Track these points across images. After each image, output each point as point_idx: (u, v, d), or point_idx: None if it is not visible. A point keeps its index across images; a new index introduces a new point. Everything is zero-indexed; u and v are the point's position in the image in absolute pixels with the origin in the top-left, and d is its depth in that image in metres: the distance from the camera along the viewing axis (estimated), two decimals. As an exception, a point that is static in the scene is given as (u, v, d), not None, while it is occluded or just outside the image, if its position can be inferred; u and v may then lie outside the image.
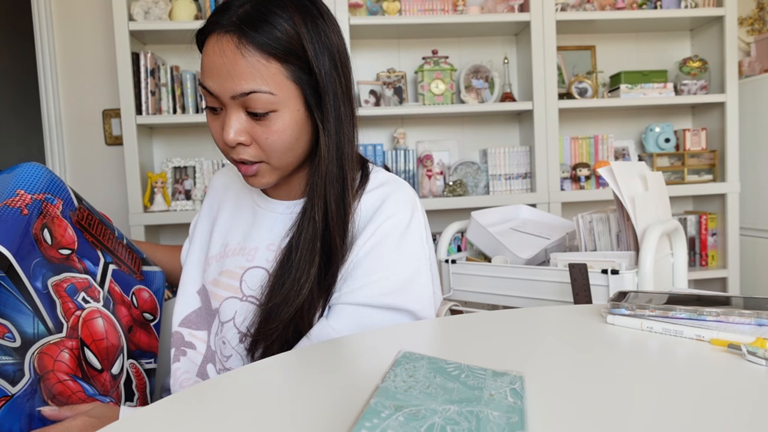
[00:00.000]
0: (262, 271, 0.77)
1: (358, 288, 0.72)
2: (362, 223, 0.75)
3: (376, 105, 2.29)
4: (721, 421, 0.40)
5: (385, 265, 0.73)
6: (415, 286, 0.75)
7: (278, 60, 0.67)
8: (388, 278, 0.73)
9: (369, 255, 0.73)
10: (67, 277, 0.75)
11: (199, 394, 0.49)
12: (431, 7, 2.28)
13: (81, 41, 2.31)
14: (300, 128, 0.71)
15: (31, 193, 0.75)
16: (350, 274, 0.73)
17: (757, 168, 2.42)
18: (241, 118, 0.69)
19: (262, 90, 0.67)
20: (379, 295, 0.72)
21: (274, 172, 0.74)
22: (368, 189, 0.78)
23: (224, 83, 0.67)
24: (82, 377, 0.73)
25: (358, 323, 0.72)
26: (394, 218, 0.74)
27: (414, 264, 0.75)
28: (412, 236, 0.76)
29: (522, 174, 2.36)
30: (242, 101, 0.68)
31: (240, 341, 0.77)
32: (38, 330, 0.69)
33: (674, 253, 1.26)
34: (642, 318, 0.61)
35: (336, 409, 0.44)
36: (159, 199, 2.17)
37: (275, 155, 0.71)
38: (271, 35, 0.67)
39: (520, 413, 0.36)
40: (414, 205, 0.78)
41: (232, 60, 0.66)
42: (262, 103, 0.67)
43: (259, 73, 0.67)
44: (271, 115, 0.69)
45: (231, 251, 0.82)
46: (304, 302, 0.71)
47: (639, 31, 2.55)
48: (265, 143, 0.70)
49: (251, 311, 0.76)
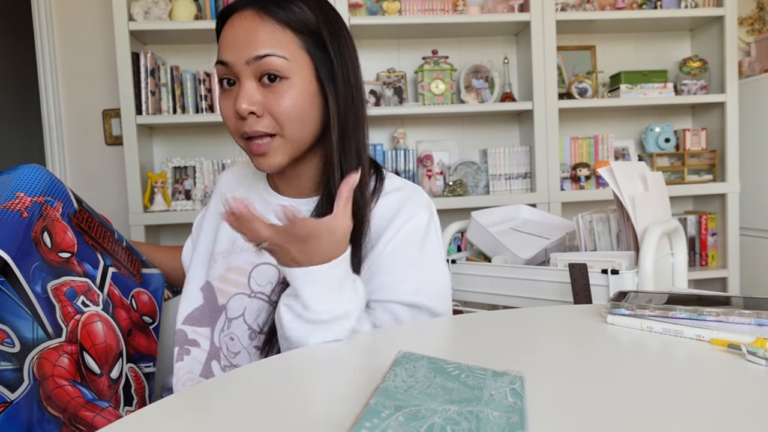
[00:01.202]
0: (272, 268, 0.78)
1: (382, 286, 0.73)
2: (383, 223, 0.76)
3: (376, 105, 2.29)
4: (721, 420, 0.40)
5: (408, 265, 0.75)
6: (437, 285, 0.77)
7: (293, 30, 0.72)
8: (413, 277, 0.74)
9: (392, 255, 0.74)
10: (67, 280, 0.74)
11: (199, 394, 0.50)
12: (431, 7, 2.28)
13: (81, 41, 2.31)
14: (311, 100, 0.73)
15: (31, 196, 0.74)
16: (374, 274, 0.74)
17: (757, 168, 2.42)
18: (254, 87, 0.71)
19: (276, 54, 0.70)
20: (404, 293, 0.73)
21: (285, 149, 0.74)
22: (385, 192, 0.79)
23: (241, 49, 0.71)
24: (81, 382, 0.72)
25: (393, 319, 0.73)
26: (414, 219, 0.76)
27: (435, 263, 0.77)
28: (432, 238, 0.78)
29: (522, 174, 2.36)
30: (257, 66, 0.70)
31: (250, 338, 0.77)
32: (37, 335, 0.68)
33: (674, 253, 1.26)
34: (642, 318, 0.61)
35: (336, 409, 0.44)
36: (159, 199, 2.17)
37: (288, 124, 0.72)
38: (289, 10, 0.72)
39: (520, 413, 0.36)
40: (431, 208, 0.81)
41: (251, 27, 0.71)
42: (276, 68, 0.70)
43: (276, 38, 0.70)
44: (284, 82, 0.71)
45: (239, 248, 0.83)
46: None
47: (639, 31, 2.55)
48: (278, 111, 0.71)
49: (262, 308, 0.76)
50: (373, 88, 2.31)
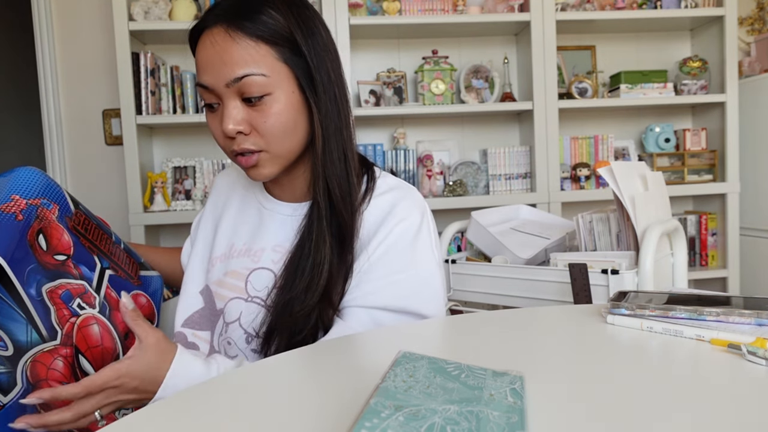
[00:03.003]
0: (269, 273, 0.77)
1: (372, 292, 0.72)
2: (374, 226, 0.75)
3: (376, 105, 2.29)
4: (721, 421, 0.40)
5: (398, 269, 0.73)
6: (428, 289, 0.75)
7: (267, 43, 0.69)
8: (402, 282, 0.73)
9: (382, 259, 0.73)
10: (63, 283, 0.74)
11: (198, 394, 0.49)
12: (431, 7, 2.28)
13: (81, 41, 2.31)
14: (297, 111, 0.72)
15: (27, 198, 0.74)
16: (363, 278, 0.73)
17: (757, 168, 2.42)
18: (238, 107, 0.70)
19: (254, 73, 0.68)
20: (393, 299, 0.72)
21: (275, 161, 0.73)
22: (377, 193, 0.78)
23: (218, 72, 0.69)
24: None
25: (372, 326, 0.72)
26: (405, 222, 0.75)
27: (427, 267, 0.76)
28: (424, 240, 0.76)
29: (522, 174, 2.35)
30: (237, 88, 0.69)
31: (247, 342, 0.77)
32: (31, 338, 0.68)
33: (674, 253, 1.26)
34: (642, 318, 0.61)
35: (336, 409, 0.44)
36: (159, 199, 2.17)
37: (275, 140, 0.71)
38: (259, 20, 0.69)
39: (520, 413, 0.36)
40: (424, 209, 0.79)
41: (223, 48, 0.68)
42: (257, 87, 0.68)
43: (251, 56, 0.68)
44: (267, 98, 0.70)
45: (236, 252, 0.82)
46: (316, 305, 0.72)
47: (639, 31, 2.55)
48: (264, 128, 0.70)
49: (258, 312, 0.76)
50: (373, 88, 2.31)
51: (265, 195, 0.84)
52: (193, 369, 0.66)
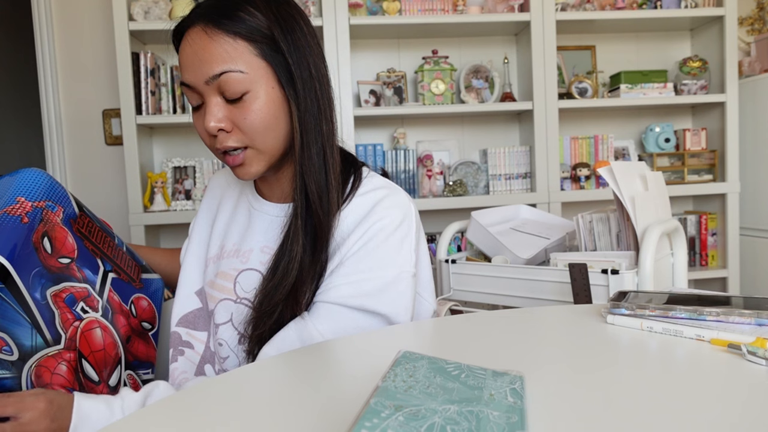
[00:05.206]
0: (256, 274, 0.77)
1: (335, 287, 0.71)
2: (353, 225, 0.74)
3: (376, 105, 2.29)
4: (721, 420, 0.40)
5: (364, 268, 0.72)
6: (392, 292, 0.73)
7: (245, 39, 0.69)
8: (366, 281, 0.71)
9: (353, 256, 0.72)
10: (66, 286, 0.73)
11: (198, 394, 0.49)
12: (431, 7, 2.28)
13: (81, 41, 2.31)
14: (277, 107, 0.71)
15: (32, 201, 0.74)
16: (333, 274, 0.72)
17: (757, 168, 2.42)
18: (219, 104, 0.70)
19: (233, 69, 0.68)
20: (351, 296, 0.71)
21: (260, 158, 0.73)
22: (360, 192, 0.76)
23: (197, 70, 0.69)
24: (79, 390, 0.71)
25: (332, 322, 0.71)
26: (382, 221, 0.73)
27: (395, 270, 0.73)
28: (399, 241, 0.74)
29: (522, 174, 2.35)
30: (217, 85, 0.69)
31: (239, 342, 0.77)
32: (36, 342, 0.67)
33: (674, 253, 1.26)
34: (642, 318, 0.61)
35: (336, 409, 0.44)
36: (159, 199, 2.17)
37: (257, 136, 0.71)
38: (237, 17, 0.69)
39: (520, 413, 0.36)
40: (407, 210, 0.77)
41: (201, 46, 0.69)
42: (236, 83, 0.69)
43: (228, 53, 0.68)
44: (246, 96, 0.69)
45: (227, 253, 0.82)
46: (295, 304, 0.71)
47: (639, 31, 2.55)
48: (245, 124, 0.70)
49: (247, 313, 0.76)
50: (373, 88, 2.31)
51: (255, 195, 0.84)
52: (95, 415, 0.65)
